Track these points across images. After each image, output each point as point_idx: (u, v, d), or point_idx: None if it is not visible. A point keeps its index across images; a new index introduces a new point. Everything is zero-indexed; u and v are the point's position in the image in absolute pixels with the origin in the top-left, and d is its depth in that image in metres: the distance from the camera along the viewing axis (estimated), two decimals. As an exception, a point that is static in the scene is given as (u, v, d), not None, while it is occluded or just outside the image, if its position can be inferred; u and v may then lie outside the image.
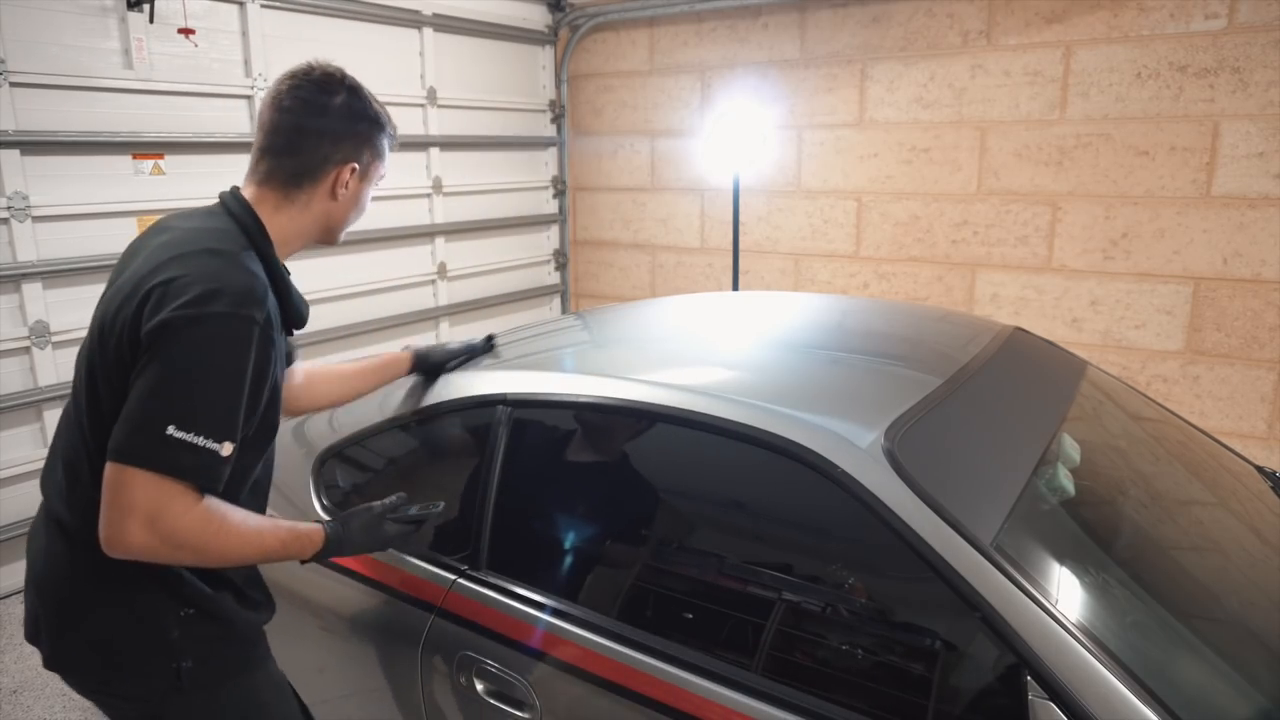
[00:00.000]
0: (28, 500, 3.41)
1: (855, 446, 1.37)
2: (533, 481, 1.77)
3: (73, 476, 1.33)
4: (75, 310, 3.45)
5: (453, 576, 1.67)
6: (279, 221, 1.39)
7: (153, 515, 1.16)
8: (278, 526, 1.34)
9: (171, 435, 1.16)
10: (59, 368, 3.41)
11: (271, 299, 1.30)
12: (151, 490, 1.16)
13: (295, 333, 1.46)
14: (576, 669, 1.48)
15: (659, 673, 1.41)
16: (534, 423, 1.75)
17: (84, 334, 3.88)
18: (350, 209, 1.46)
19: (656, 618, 1.54)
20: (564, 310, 5.94)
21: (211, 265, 1.25)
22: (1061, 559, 1.40)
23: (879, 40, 4.49)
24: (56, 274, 3.37)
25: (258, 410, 1.30)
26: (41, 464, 3.67)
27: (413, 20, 4.66)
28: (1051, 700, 1.12)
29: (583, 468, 1.77)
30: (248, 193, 1.40)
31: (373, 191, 1.49)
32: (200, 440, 1.18)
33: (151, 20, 3.50)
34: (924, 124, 4.44)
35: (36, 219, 3.29)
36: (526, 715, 1.51)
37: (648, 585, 1.61)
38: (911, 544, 1.25)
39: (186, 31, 3.57)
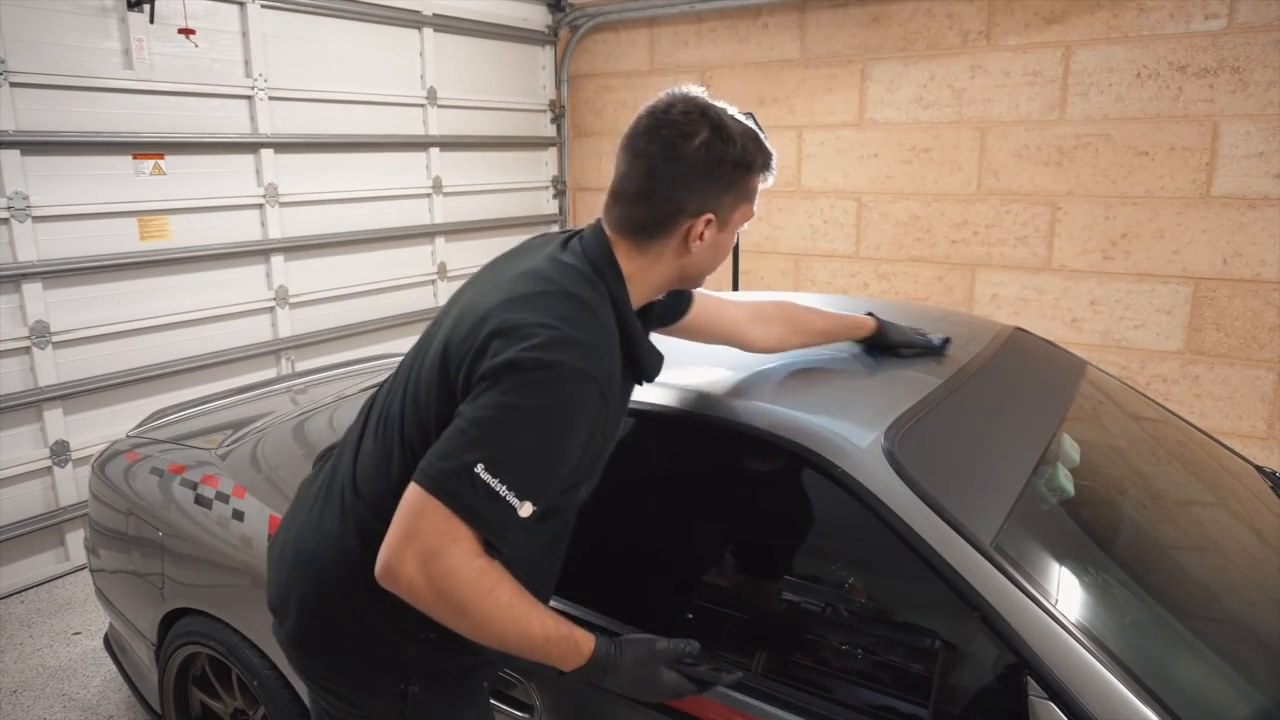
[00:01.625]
0: (28, 500, 3.42)
1: (855, 446, 1.37)
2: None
3: (385, 467, 1.26)
4: (75, 310, 3.46)
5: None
6: (631, 270, 1.27)
7: (430, 552, 1.08)
8: (549, 619, 1.18)
9: (478, 475, 1.08)
10: (59, 368, 3.41)
11: (619, 354, 1.22)
12: (439, 525, 1.08)
13: None
14: (577, 669, 1.48)
15: (659, 673, 1.41)
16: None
17: (87, 334, 3.82)
18: (707, 261, 1.32)
19: (656, 617, 1.54)
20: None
21: (567, 311, 1.16)
22: (1061, 559, 1.40)
23: (879, 40, 4.49)
24: (56, 274, 3.37)
25: (571, 477, 1.20)
26: (43, 464, 3.65)
27: (413, 20, 4.66)
28: (1051, 700, 1.12)
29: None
30: (610, 235, 1.29)
31: (738, 234, 1.35)
32: (503, 491, 1.08)
33: (152, 20, 3.50)
34: (924, 124, 4.45)
35: (36, 219, 3.29)
36: (526, 715, 1.51)
37: (648, 585, 1.61)
38: (911, 544, 1.25)
39: (187, 31, 3.57)
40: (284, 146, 4.10)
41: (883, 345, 1.80)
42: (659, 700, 1.32)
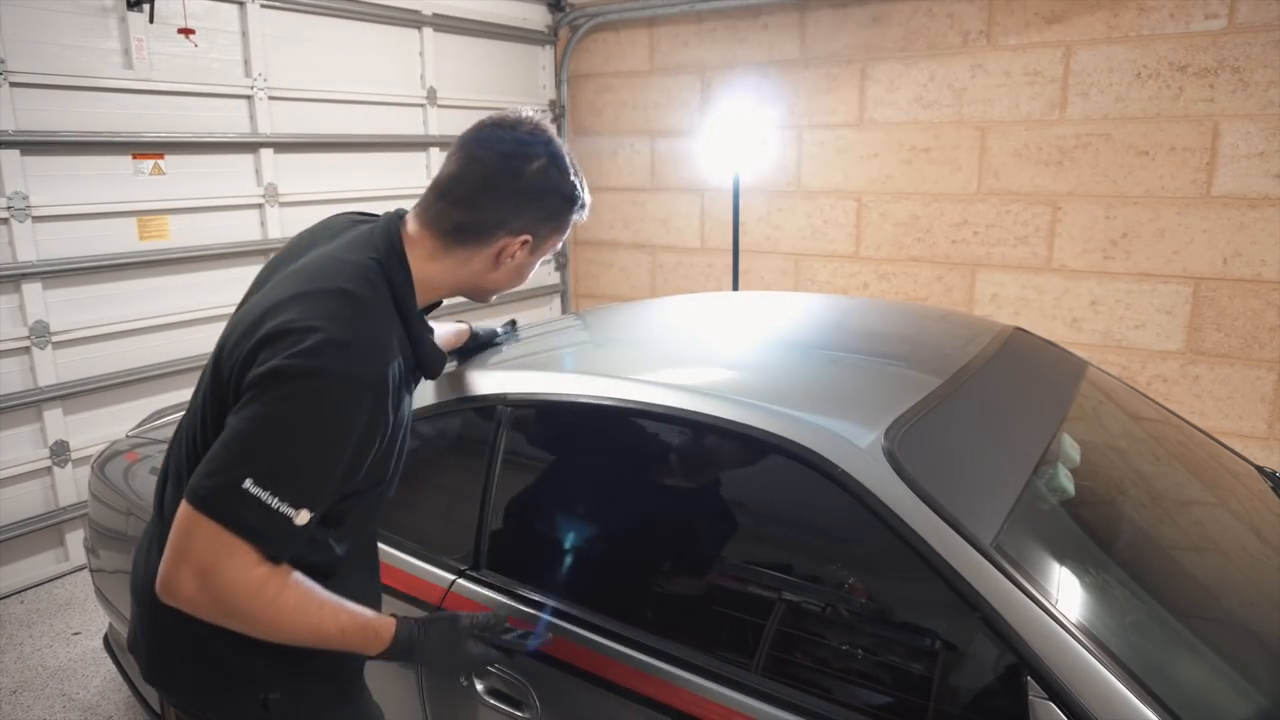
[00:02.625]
0: (28, 500, 3.42)
1: (855, 446, 1.37)
2: (532, 481, 1.77)
3: (180, 488, 1.23)
4: (75, 310, 3.46)
5: (452, 576, 1.67)
6: (428, 270, 1.26)
7: (206, 569, 1.07)
8: (342, 612, 1.20)
9: (247, 490, 1.06)
10: (59, 368, 3.42)
11: (398, 352, 1.20)
12: (212, 542, 1.06)
13: None
14: (576, 669, 1.48)
15: (659, 673, 1.41)
16: (533, 422, 1.75)
17: (87, 334, 3.82)
18: (508, 279, 1.34)
19: (656, 617, 1.54)
20: (564, 310, 5.94)
21: (337, 309, 1.13)
22: (1061, 559, 1.40)
23: (879, 40, 4.49)
24: (56, 274, 3.37)
25: (355, 477, 1.18)
26: (43, 464, 3.66)
27: (413, 20, 4.66)
28: (1051, 700, 1.12)
29: (582, 468, 1.77)
30: (410, 228, 1.28)
31: (539, 262, 1.37)
32: (275, 503, 1.07)
33: (151, 20, 3.50)
34: (924, 124, 4.44)
35: (36, 219, 3.30)
36: (526, 715, 1.51)
37: (647, 585, 1.61)
38: (911, 544, 1.25)
39: (186, 31, 3.57)
40: (284, 146, 4.10)
41: (477, 347, 1.91)
42: (468, 671, 1.36)
